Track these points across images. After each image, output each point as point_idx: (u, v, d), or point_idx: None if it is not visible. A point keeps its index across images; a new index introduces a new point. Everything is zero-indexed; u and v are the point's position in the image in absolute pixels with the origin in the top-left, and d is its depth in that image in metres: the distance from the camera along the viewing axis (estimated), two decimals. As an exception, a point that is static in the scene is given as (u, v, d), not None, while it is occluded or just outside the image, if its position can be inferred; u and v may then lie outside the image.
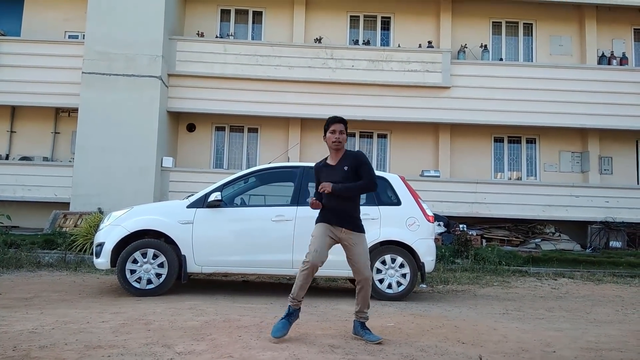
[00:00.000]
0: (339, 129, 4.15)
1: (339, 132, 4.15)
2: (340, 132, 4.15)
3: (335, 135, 4.15)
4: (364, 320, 4.18)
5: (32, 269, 7.90)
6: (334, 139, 4.15)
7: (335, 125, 4.17)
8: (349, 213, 4.16)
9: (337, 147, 4.17)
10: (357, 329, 4.17)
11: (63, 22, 13.36)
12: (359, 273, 4.12)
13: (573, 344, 4.26)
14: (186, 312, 4.96)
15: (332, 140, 4.15)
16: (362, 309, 4.17)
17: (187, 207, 6.20)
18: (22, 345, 3.65)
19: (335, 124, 4.17)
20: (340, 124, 4.18)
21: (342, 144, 4.17)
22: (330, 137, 4.16)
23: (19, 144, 13.07)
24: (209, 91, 12.46)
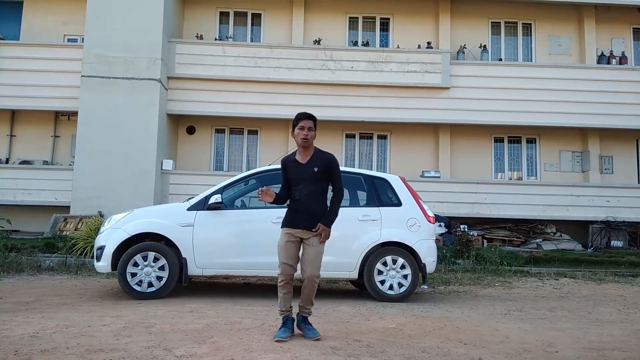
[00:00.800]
0: (307, 126, 4.08)
1: (307, 128, 4.08)
2: (309, 128, 4.09)
3: (304, 132, 4.08)
4: (307, 315, 4.19)
5: (33, 272, 7.90)
6: (302, 135, 4.09)
7: (304, 121, 4.09)
8: (319, 216, 4.12)
9: (305, 144, 4.12)
10: (298, 322, 4.19)
11: (62, 26, 13.36)
12: (303, 270, 4.10)
13: (575, 344, 4.25)
14: (187, 315, 4.95)
15: (301, 137, 4.09)
16: (306, 305, 4.17)
17: (188, 210, 6.20)
18: (23, 349, 3.64)
19: (303, 120, 4.10)
20: (308, 120, 4.11)
21: (309, 141, 4.11)
22: (299, 133, 4.10)
23: (19, 148, 13.06)
24: (209, 93, 12.46)
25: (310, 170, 4.10)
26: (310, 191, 4.11)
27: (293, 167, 4.16)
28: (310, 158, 4.15)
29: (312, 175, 4.10)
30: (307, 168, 4.12)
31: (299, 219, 4.10)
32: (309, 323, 4.18)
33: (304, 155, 4.17)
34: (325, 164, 4.13)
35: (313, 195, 4.12)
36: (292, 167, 4.16)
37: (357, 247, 6.28)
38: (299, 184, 4.11)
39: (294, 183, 4.15)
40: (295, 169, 4.14)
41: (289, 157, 4.25)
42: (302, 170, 4.12)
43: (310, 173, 4.10)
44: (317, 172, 4.10)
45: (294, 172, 4.13)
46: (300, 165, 4.14)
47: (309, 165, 4.13)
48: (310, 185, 4.10)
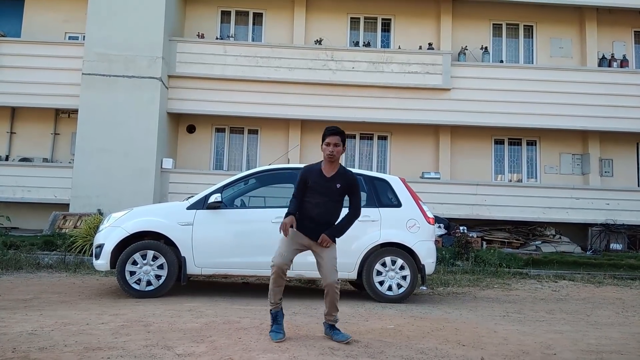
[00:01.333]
0: (333, 142, 4.10)
1: (333, 145, 4.09)
2: (335, 144, 4.10)
3: (330, 149, 4.09)
4: (333, 323, 4.18)
5: (31, 270, 7.89)
6: (328, 151, 4.10)
7: (331, 137, 4.11)
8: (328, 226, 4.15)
9: (331, 159, 4.13)
10: (326, 330, 4.20)
11: (63, 24, 13.35)
12: (324, 278, 4.12)
13: (574, 347, 4.24)
14: (186, 314, 4.95)
15: (327, 152, 4.11)
16: (331, 312, 4.16)
17: (187, 209, 6.19)
18: (21, 346, 3.64)
19: (330, 136, 4.11)
20: (335, 135, 4.12)
21: (335, 156, 4.13)
22: (326, 149, 4.12)
23: (18, 145, 13.06)
24: (209, 92, 12.46)
25: (333, 185, 4.12)
26: (328, 205, 4.13)
27: (317, 177, 4.13)
28: (335, 173, 4.16)
29: (335, 191, 4.13)
30: (331, 183, 4.13)
31: (310, 228, 4.11)
32: (336, 328, 4.17)
33: (330, 169, 4.17)
34: (348, 183, 4.17)
35: (328, 208, 4.14)
36: (315, 177, 4.14)
37: (356, 248, 6.27)
38: (317, 196, 4.10)
39: (312, 193, 4.12)
40: (319, 180, 4.13)
41: (314, 167, 4.22)
42: (327, 184, 4.12)
43: (333, 189, 4.12)
44: (339, 188, 4.13)
45: (316, 183, 4.12)
46: (324, 178, 4.14)
47: (334, 181, 4.14)
48: (330, 200, 4.12)
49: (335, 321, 4.19)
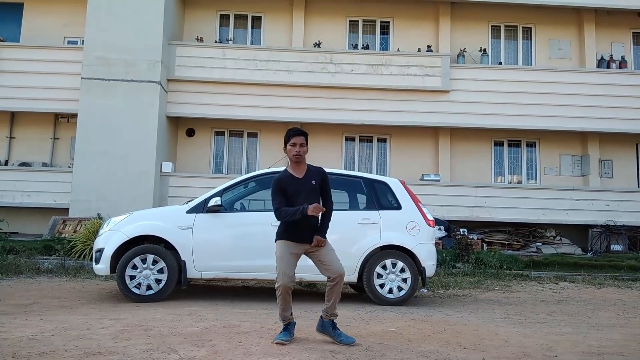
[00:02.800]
0: (299, 142, 4.10)
1: (299, 145, 4.10)
2: (301, 144, 4.10)
3: (296, 149, 4.10)
4: (334, 319, 4.16)
5: (31, 275, 7.88)
6: (294, 152, 4.10)
7: (295, 138, 4.11)
8: (315, 226, 4.17)
9: (298, 160, 4.13)
10: (327, 328, 4.16)
11: (62, 28, 13.36)
12: (332, 271, 4.09)
13: (575, 348, 4.24)
14: (186, 318, 4.94)
15: (293, 153, 4.11)
16: (334, 307, 4.14)
17: (187, 213, 6.18)
18: (21, 351, 3.63)
19: (295, 136, 4.11)
20: (300, 136, 4.12)
21: (302, 156, 4.14)
22: (291, 149, 4.11)
23: (18, 150, 13.05)
24: (208, 96, 12.46)
25: (309, 183, 4.14)
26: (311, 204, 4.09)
27: (290, 182, 4.13)
28: (306, 172, 4.18)
29: (312, 189, 4.14)
30: (306, 182, 4.14)
31: (303, 233, 4.10)
32: (338, 328, 4.15)
33: (299, 170, 4.18)
34: (321, 177, 4.21)
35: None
36: (289, 182, 4.13)
37: (356, 251, 6.27)
38: (298, 198, 4.08)
39: (292, 197, 4.10)
40: (293, 184, 4.12)
41: (283, 174, 4.20)
42: (301, 183, 4.12)
43: (310, 186, 4.13)
44: (315, 184, 4.15)
45: (293, 187, 4.11)
46: (297, 180, 4.14)
47: (308, 179, 4.15)
48: (310, 198, 4.10)
49: (336, 316, 4.18)
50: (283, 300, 4.04)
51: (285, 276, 4.01)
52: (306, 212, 3.97)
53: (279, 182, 4.15)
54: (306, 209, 3.97)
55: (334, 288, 4.10)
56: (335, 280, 4.09)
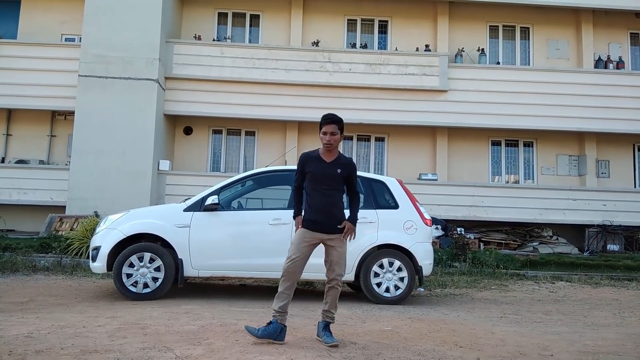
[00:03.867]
0: (330, 131, 4.06)
1: (330, 134, 4.06)
2: (332, 133, 4.06)
3: (327, 138, 4.07)
4: (330, 321, 4.14)
5: (27, 272, 7.86)
6: (325, 140, 4.08)
7: (327, 126, 4.07)
8: (336, 217, 4.12)
9: (329, 148, 4.12)
10: (319, 329, 4.14)
11: (60, 25, 13.32)
12: (330, 271, 4.09)
13: (571, 348, 4.25)
14: (183, 316, 4.94)
15: (324, 141, 4.09)
16: (331, 309, 4.13)
17: (184, 211, 6.18)
18: (17, 349, 3.62)
19: (326, 125, 4.08)
20: (331, 124, 4.07)
21: (333, 145, 4.10)
22: (323, 137, 4.09)
23: (15, 147, 13.00)
24: (206, 94, 12.44)
25: (334, 170, 4.09)
26: (332, 192, 4.09)
27: (315, 163, 4.09)
28: (335, 159, 4.15)
29: (335, 176, 4.09)
30: (331, 167, 4.10)
31: (323, 223, 4.05)
32: (329, 331, 4.10)
33: (329, 156, 4.15)
34: (348, 168, 4.16)
35: (335, 196, 4.11)
36: (314, 162, 4.10)
37: (353, 250, 6.24)
38: (320, 183, 4.05)
39: (314, 180, 4.06)
40: (317, 165, 4.08)
41: (312, 153, 4.18)
42: (325, 168, 4.08)
43: (334, 173, 4.08)
44: (340, 173, 4.10)
45: (316, 169, 4.07)
46: (324, 163, 4.10)
47: (334, 167, 4.11)
48: (332, 185, 4.07)
49: (333, 320, 4.17)
50: (282, 284, 3.98)
51: (289, 260, 3.98)
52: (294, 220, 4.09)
53: (303, 158, 4.17)
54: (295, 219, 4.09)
55: (330, 290, 4.10)
56: (330, 283, 4.09)
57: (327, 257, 4.11)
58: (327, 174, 4.07)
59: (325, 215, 4.06)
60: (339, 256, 4.10)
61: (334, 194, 4.11)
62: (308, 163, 4.12)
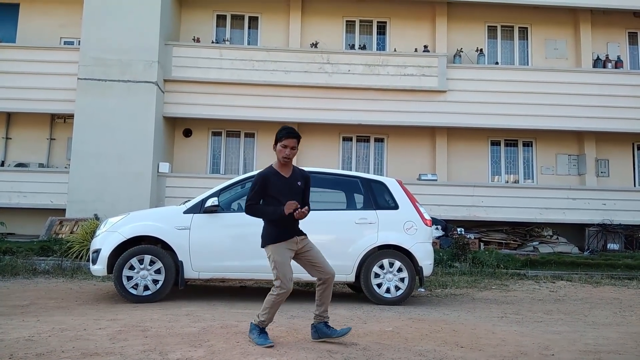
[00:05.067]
0: (290, 145, 4.04)
1: (290, 148, 4.05)
2: (292, 147, 4.05)
3: (287, 152, 4.04)
4: (327, 321, 4.14)
5: (28, 276, 7.86)
6: (284, 154, 4.05)
7: (288, 140, 4.03)
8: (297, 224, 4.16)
9: (286, 162, 4.10)
10: (321, 330, 4.11)
11: (58, 28, 13.33)
12: (324, 272, 4.09)
13: (571, 347, 4.25)
14: (183, 319, 4.93)
15: (283, 155, 4.05)
16: (326, 308, 4.14)
17: (184, 213, 6.18)
18: (18, 353, 3.62)
19: (287, 139, 4.04)
20: (293, 139, 4.05)
21: (291, 159, 4.11)
22: (282, 150, 4.04)
23: (14, 151, 13.01)
24: (205, 96, 12.45)
25: (295, 184, 4.13)
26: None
27: (276, 180, 4.09)
28: (292, 173, 4.16)
29: (297, 189, 4.13)
30: (292, 182, 4.13)
31: (292, 230, 4.09)
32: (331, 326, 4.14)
33: (286, 170, 4.15)
34: (305, 180, 4.21)
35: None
36: (274, 180, 4.09)
37: (354, 250, 6.27)
38: (281, 198, 4.04)
39: (281, 196, 4.05)
40: (279, 182, 4.09)
41: (269, 171, 4.14)
42: (286, 183, 4.10)
43: (296, 187, 4.12)
44: (300, 186, 4.15)
45: (277, 186, 4.07)
46: (284, 179, 4.11)
47: (294, 180, 4.14)
48: (294, 198, 4.07)
49: (328, 319, 4.18)
50: (278, 304, 4.03)
51: (288, 280, 3.97)
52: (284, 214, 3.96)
53: (263, 179, 4.09)
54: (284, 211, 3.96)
55: (326, 291, 4.10)
56: (326, 282, 4.09)
57: (310, 262, 4.11)
58: (292, 188, 4.11)
59: (292, 225, 4.09)
60: (318, 256, 4.12)
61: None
62: (270, 182, 4.08)
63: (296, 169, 4.23)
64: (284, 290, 3.96)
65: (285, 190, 4.07)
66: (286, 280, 3.96)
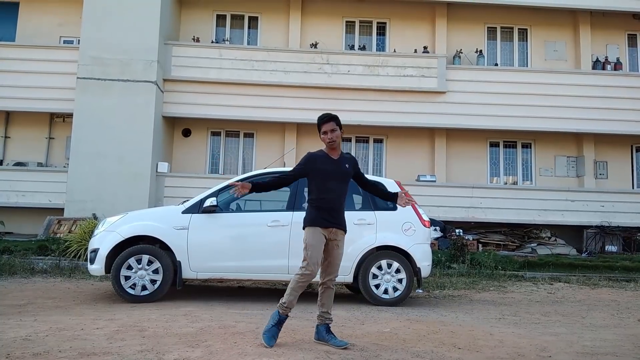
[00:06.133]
0: (330, 129, 4.10)
1: (330, 131, 4.10)
2: (332, 130, 4.10)
3: (329, 136, 4.11)
4: (329, 323, 4.14)
5: (25, 275, 7.85)
6: (327, 139, 4.12)
7: (326, 125, 4.11)
8: (342, 213, 4.18)
9: (332, 146, 4.14)
10: (322, 333, 4.10)
11: (58, 27, 13.33)
12: (332, 273, 4.09)
13: (569, 349, 4.25)
14: (181, 319, 4.93)
15: (327, 140, 4.13)
16: (329, 311, 4.14)
17: (183, 213, 6.17)
18: (15, 352, 3.61)
19: (325, 124, 4.12)
20: (330, 122, 4.11)
21: (336, 142, 4.14)
22: (324, 137, 4.14)
23: (13, 150, 13.00)
24: (205, 96, 12.45)
25: (342, 166, 4.15)
26: (341, 189, 4.14)
27: (325, 161, 4.12)
28: (340, 156, 4.20)
29: (345, 172, 4.16)
30: (341, 164, 4.15)
31: (333, 218, 4.08)
32: (332, 332, 4.11)
33: (334, 153, 4.19)
34: (353, 163, 4.27)
35: (342, 194, 4.16)
36: (323, 161, 4.12)
37: (352, 251, 6.26)
38: (329, 180, 4.08)
39: (326, 178, 4.08)
40: (328, 163, 4.11)
41: (319, 153, 4.20)
42: (335, 165, 4.12)
43: (343, 169, 4.15)
44: (348, 169, 4.18)
45: (327, 166, 4.09)
46: (332, 160, 4.14)
47: (342, 162, 4.16)
48: (341, 183, 4.12)
49: (331, 321, 4.17)
50: (299, 290, 3.99)
51: (317, 265, 3.97)
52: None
53: (310, 157, 4.16)
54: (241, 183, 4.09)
55: (326, 291, 4.10)
56: (327, 284, 4.09)
57: (327, 256, 4.10)
58: (339, 170, 4.13)
59: (336, 212, 4.11)
60: (338, 257, 4.12)
61: (343, 190, 4.18)
62: (317, 162, 4.13)
63: (343, 153, 4.27)
64: (308, 272, 3.94)
65: (332, 171, 4.10)
66: (312, 263, 3.95)
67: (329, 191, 4.08)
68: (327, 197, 4.08)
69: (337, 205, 4.11)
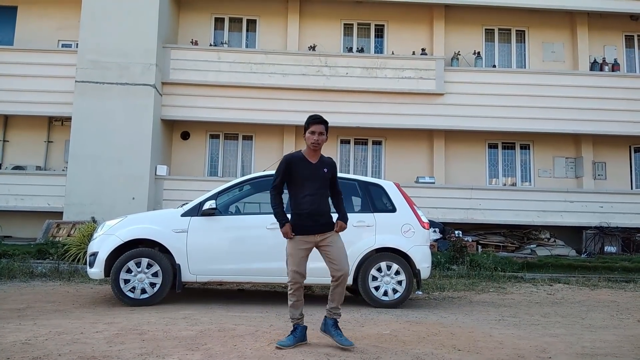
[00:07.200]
0: (318, 131, 4.09)
1: (318, 133, 4.09)
2: (320, 133, 4.10)
3: (315, 137, 4.09)
4: (337, 318, 4.15)
5: (25, 279, 7.83)
6: (313, 140, 4.09)
7: (315, 126, 4.09)
8: (327, 215, 4.16)
9: (316, 148, 4.13)
10: (328, 326, 4.12)
11: (56, 31, 13.32)
12: (336, 269, 4.07)
13: (569, 350, 4.25)
14: (181, 322, 4.93)
15: (312, 141, 4.10)
16: (338, 305, 4.14)
17: (182, 216, 6.17)
18: (15, 356, 3.61)
19: (314, 125, 4.10)
20: (319, 125, 4.11)
21: (320, 145, 4.13)
22: (310, 137, 4.10)
23: (11, 153, 12.99)
24: (203, 99, 12.46)
25: (320, 170, 4.13)
26: (320, 193, 4.12)
27: (301, 165, 4.10)
28: (319, 160, 4.18)
29: (323, 176, 4.14)
30: (318, 168, 4.13)
31: (314, 224, 4.08)
32: (339, 329, 4.12)
33: (314, 156, 4.17)
34: (332, 168, 4.23)
35: (322, 196, 4.15)
36: (300, 165, 4.10)
37: (351, 253, 6.20)
38: (306, 184, 4.07)
39: (300, 182, 4.09)
40: (304, 167, 4.10)
41: (297, 155, 4.19)
42: (312, 169, 4.11)
43: (321, 174, 4.13)
44: (326, 173, 4.15)
45: (302, 170, 4.08)
46: (310, 164, 4.12)
47: (320, 166, 4.15)
48: (319, 186, 4.11)
49: (340, 316, 4.18)
50: (292, 296, 4.04)
51: (294, 272, 4.01)
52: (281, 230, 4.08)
53: (289, 161, 4.13)
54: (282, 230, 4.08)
55: (337, 288, 4.09)
56: (338, 280, 4.07)
57: (327, 257, 4.11)
58: (317, 175, 4.11)
59: (316, 217, 4.09)
60: (339, 251, 4.11)
61: (323, 193, 4.17)
62: (294, 165, 4.11)
63: (323, 156, 4.24)
64: (292, 281, 4.00)
65: (311, 176, 4.09)
66: (292, 271, 4.00)
67: (306, 196, 4.07)
68: (304, 202, 4.07)
69: (317, 208, 4.08)
